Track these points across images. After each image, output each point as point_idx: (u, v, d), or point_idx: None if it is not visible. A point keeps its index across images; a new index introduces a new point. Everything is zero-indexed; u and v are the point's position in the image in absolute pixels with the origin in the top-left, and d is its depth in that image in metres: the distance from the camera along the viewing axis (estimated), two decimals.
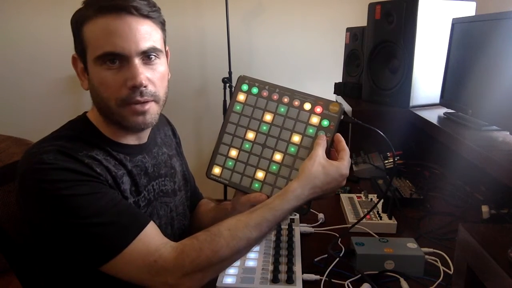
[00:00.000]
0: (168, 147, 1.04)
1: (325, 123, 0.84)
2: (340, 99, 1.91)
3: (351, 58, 1.97)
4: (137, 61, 0.78)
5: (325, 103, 0.85)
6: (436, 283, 0.84)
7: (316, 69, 2.76)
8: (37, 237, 0.80)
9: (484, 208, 1.06)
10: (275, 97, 0.88)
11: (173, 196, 0.98)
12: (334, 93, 2.01)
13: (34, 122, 2.69)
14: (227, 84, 2.53)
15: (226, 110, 2.58)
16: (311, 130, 0.85)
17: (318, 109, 0.85)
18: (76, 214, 0.72)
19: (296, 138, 0.85)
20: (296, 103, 0.86)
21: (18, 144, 2.17)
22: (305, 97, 0.86)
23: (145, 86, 0.79)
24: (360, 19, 1.85)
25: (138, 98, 0.79)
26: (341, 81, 2.04)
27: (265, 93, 0.89)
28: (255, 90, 0.90)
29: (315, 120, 0.85)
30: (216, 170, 0.89)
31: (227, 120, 0.90)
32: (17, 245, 0.90)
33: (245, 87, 0.90)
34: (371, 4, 1.64)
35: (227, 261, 0.75)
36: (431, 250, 0.93)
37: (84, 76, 0.84)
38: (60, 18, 2.64)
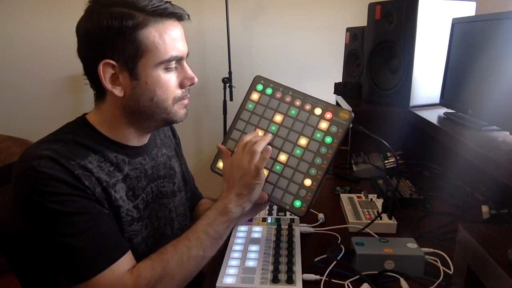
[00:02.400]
0: (167, 148, 1.04)
1: (333, 129, 0.85)
2: (340, 99, 1.91)
3: (351, 58, 1.97)
4: (185, 62, 0.86)
5: (336, 110, 0.86)
6: (436, 283, 0.83)
7: (316, 69, 2.76)
8: (27, 238, 0.80)
9: (484, 208, 1.06)
10: (287, 99, 0.90)
11: (172, 197, 0.98)
12: (334, 93, 2.01)
13: (34, 122, 2.69)
14: (227, 84, 2.53)
15: (225, 110, 2.59)
16: (318, 135, 0.85)
17: (328, 115, 0.86)
18: (58, 230, 0.73)
19: (303, 141, 0.86)
20: (307, 107, 0.88)
21: (18, 144, 2.16)
22: (316, 102, 0.88)
23: None
24: (360, 19, 1.86)
25: (188, 94, 0.89)
26: (341, 81, 2.04)
27: (278, 95, 0.90)
28: (269, 91, 0.91)
29: (324, 125, 0.86)
30: (221, 164, 0.90)
31: (238, 116, 0.92)
32: (17, 245, 0.90)
33: (260, 87, 0.92)
34: (371, 4, 1.64)
35: (178, 276, 0.78)
36: (431, 250, 0.93)
37: (116, 82, 0.81)
38: (60, 18, 2.65)
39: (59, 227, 0.73)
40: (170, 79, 0.83)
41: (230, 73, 2.56)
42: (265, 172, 0.86)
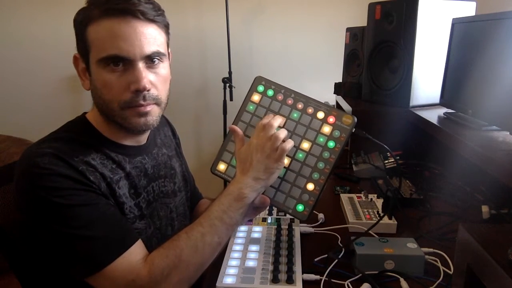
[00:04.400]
0: (167, 147, 1.04)
1: (336, 133, 0.84)
2: (340, 99, 1.91)
3: (351, 58, 1.97)
4: (141, 64, 0.79)
5: (339, 114, 0.85)
6: (436, 283, 0.84)
7: (316, 69, 2.76)
8: (31, 238, 0.80)
9: (484, 208, 1.06)
10: (289, 101, 0.88)
11: (173, 197, 0.98)
12: (334, 93, 2.01)
13: (34, 122, 2.69)
14: (227, 84, 2.53)
15: (225, 110, 2.59)
16: (321, 139, 0.85)
17: (331, 119, 0.85)
18: (67, 223, 0.72)
19: (305, 145, 0.85)
20: (310, 110, 0.87)
21: (18, 144, 2.16)
22: (319, 105, 0.87)
23: (148, 90, 0.80)
24: (360, 19, 1.86)
25: (141, 102, 0.80)
26: (341, 81, 2.04)
27: (280, 97, 0.89)
28: (270, 93, 0.90)
29: (326, 129, 0.85)
30: (222, 167, 0.89)
31: (238, 118, 0.91)
32: (17, 245, 0.90)
33: (261, 88, 0.91)
34: (371, 4, 1.64)
35: (193, 264, 0.77)
36: (431, 250, 0.93)
37: (85, 76, 0.83)
38: (60, 18, 2.65)
39: (67, 220, 0.72)
40: (112, 79, 0.78)
41: (230, 73, 2.55)
42: None
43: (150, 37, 0.80)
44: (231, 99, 2.54)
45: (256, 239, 0.98)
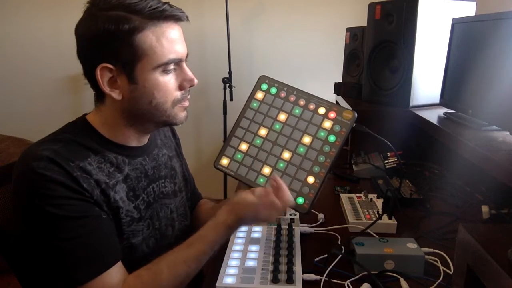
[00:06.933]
0: (168, 148, 1.04)
1: (337, 128, 0.87)
2: (340, 99, 1.91)
3: (351, 58, 1.97)
4: (185, 63, 0.84)
5: (340, 109, 0.88)
6: (436, 283, 0.84)
7: (316, 69, 2.76)
8: (25, 238, 0.80)
9: (484, 208, 1.06)
10: (292, 98, 0.91)
11: (173, 197, 0.98)
12: (334, 93, 2.01)
13: (34, 122, 2.69)
14: (227, 84, 2.53)
15: (225, 110, 2.59)
16: (322, 134, 0.87)
17: (332, 115, 0.88)
18: (53, 233, 0.72)
19: (306, 139, 0.88)
20: (312, 106, 0.90)
21: (18, 144, 2.16)
22: (320, 102, 0.90)
23: None
24: (360, 19, 1.86)
25: (188, 96, 0.87)
26: (341, 81, 2.04)
27: (283, 94, 0.92)
28: (273, 90, 0.93)
29: (327, 124, 0.87)
30: (224, 161, 0.91)
31: (242, 115, 0.94)
32: (16, 245, 0.90)
33: (264, 86, 0.94)
34: (371, 4, 1.64)
35: None
36: (431, 250, 0.93)
37: (114, 85, 0.80)
38: (60, 18, 2.65)
39: (55, 230, 0.72)
40: (168, 81, 0.82)
41: (230, 73, 2.56)
42: (269, 169, 0.88)
43: (183, 37, 0.85)
44: (231, 99, 2.54)
45: (256, 239, 0.98)
